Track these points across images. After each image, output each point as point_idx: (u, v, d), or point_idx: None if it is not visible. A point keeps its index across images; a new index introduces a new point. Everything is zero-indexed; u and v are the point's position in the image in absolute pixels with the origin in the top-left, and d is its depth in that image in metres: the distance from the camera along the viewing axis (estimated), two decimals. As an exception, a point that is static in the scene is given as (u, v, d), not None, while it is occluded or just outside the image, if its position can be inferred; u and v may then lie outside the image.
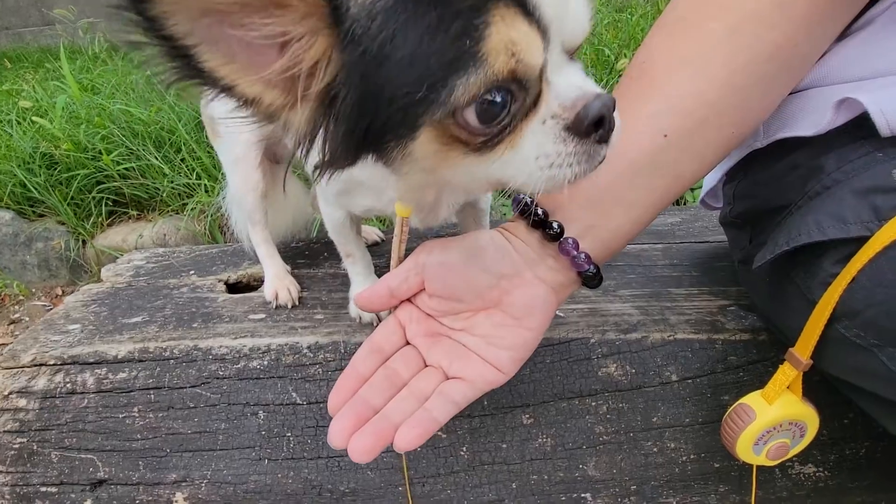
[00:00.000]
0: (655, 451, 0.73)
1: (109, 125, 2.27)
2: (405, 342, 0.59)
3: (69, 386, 0.74)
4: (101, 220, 2.21)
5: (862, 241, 0.49)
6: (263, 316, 0.83)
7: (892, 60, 0.57)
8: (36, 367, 0.75)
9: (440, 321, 0.59)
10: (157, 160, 2.17)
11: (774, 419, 0.57)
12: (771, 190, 0.66)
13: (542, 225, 0.56)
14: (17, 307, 2.20)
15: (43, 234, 2.21)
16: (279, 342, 0.75)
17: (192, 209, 2.10)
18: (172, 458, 0.73)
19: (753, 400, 0.58)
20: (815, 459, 0.74)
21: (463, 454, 0.73)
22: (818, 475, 0.74)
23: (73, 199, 2.20)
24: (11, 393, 0.74)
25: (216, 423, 0.73)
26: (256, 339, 0.76)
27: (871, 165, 0.54)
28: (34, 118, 2.36)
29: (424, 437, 0.50)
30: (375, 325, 0.76)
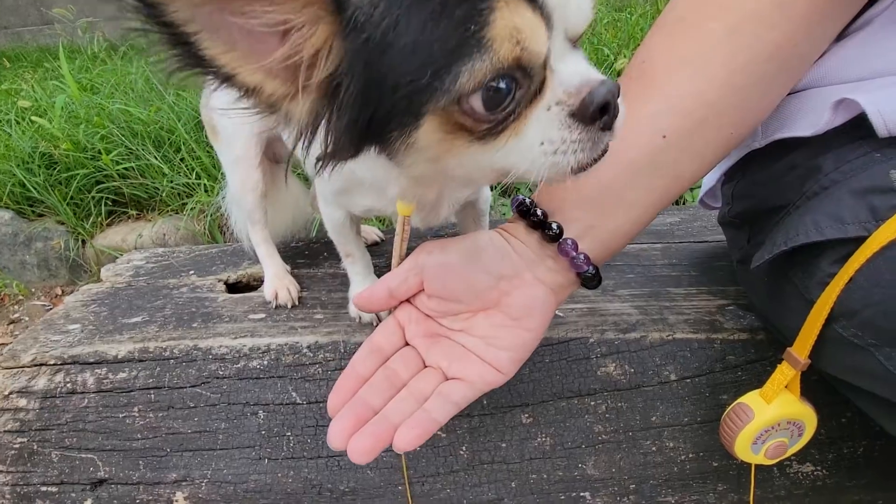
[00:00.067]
0: (654, 450, 0.73)
1: (109, 125, 2.27)
2: (404, 343, 0.60)
3: (69, 386, 0.74)
4: (100, 219, 2.21)
5: (860, 241, 0.49)
6: (263, 316, 0.83)
7: (890, 61, 0.57)
8: (36, 366, 0.76)
9: (439, 322, 0.59)
10: (156, 160, 2.17)
11: (773, 418, 0.57)
12: (769, 190, 0.66)
13: (541, 226, 0.56)
14: (16, 307, 2.20)
15: (42, 233, 2.21)
16: (279, 342, 0.75)
17: (191, 209, 2.10)
18: (173, 457, 0.73)
19: (752, 399, 0.58)
20: (813, 458, 0.74)
21: (462, 453, 0.73)
22: (816, 474, 0.74)
23: (72, 198, 2.19)
24: (12, 393, 0.74)
25: (216, 422, 0.73)
26: (256, 338, 0.76)
27: (868, 166, 0.54)
28: (33, 118, 2.36)
29: (424, 437, 0.50)
30: (375, 325, 0.76)
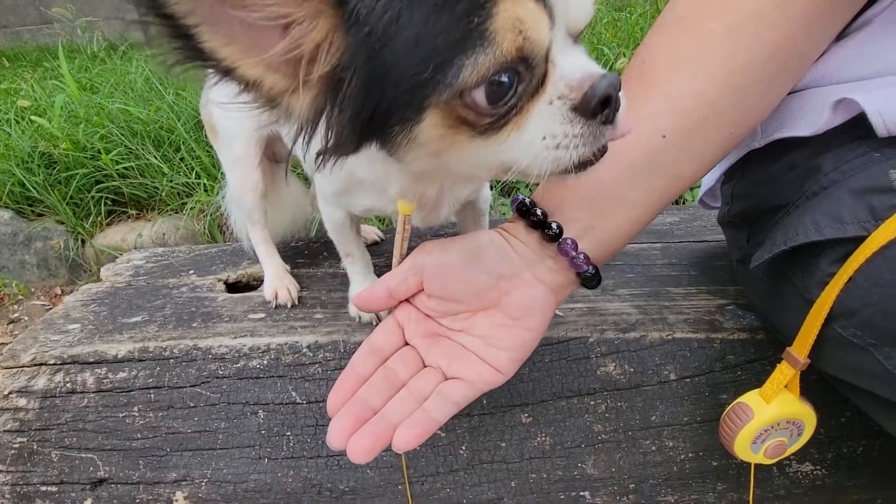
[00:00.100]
0: (654, 449, 0.73)
1: (108, 124, 2.27)
2: (404, 343, 0.59)
3: (69, 385, 0.74)
4: (100, 219, 2.20)
5: (859, 240, 0.49)
6: (263, 315, 0.83)
7: (889, 61, 0.57)
8: (36, 366, 0.76)
9: (439, 322, 0.59)
10: (156, 159, 2.17)
11: (772, 418, 0.57)
12: (769, 190, 0.66)
13: (541, 225, 0.56)
14: (16, 306, 2.20)
15: (42, 233, 2.21)
16: (279, 341, 0.75)
17: (191, 208, 2.10)
18: (172, 457, 0.73)
19: (751, 399, 0.58)
20: (812, 458, 0.74)
21: (462, 453, 0.74)
22: (815, 473, 0.75)
23: (71, 198, 2.19)
24: (11, 392, 0.74)
25: (216, 422, 0.73)
26: (256, 338, 0.76)
27: (868, 165, 0.54)
28: (33, 117, 2.35)
29: (423, 437, 0.50)
30: (375, 324, 0.76)
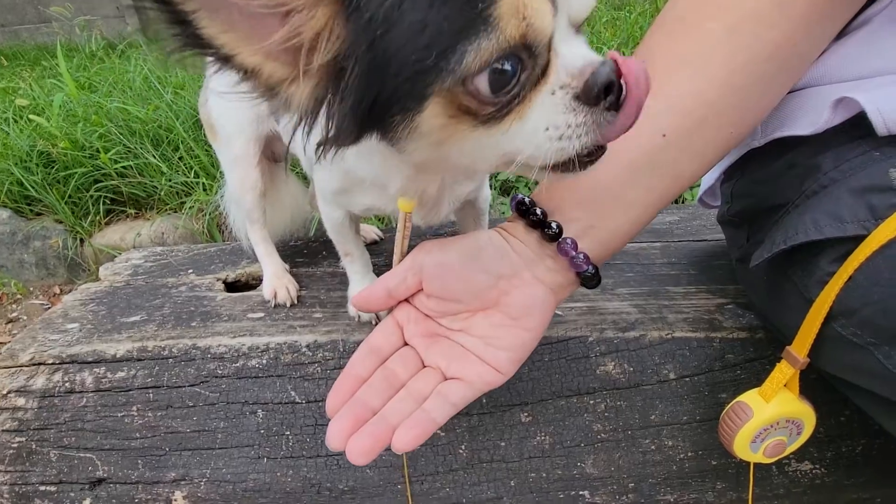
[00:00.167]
0: (653, 448, 0.73)
1: (107, 123, 2.27)
2: (403, 343, 0.59)
3: (68, 385, 0.74)
4: (98, 218, 2.20)
5: (859, 239, 0.49)
6: (262, 315, 0.83)
7: (889, 60, 0.57)
8: (34, 366, 0.75)
9: (438, 322, 0.59)
10: (154, 158, 2.17)
11: (771, 417, 0.57)
12: (768, 188, 0.66)
13: (540, 225, 0.56)
14: (14, 306, 2.20)
15: (40, 232, 2.21)
16: (278, 341, 0.75)
17: (190, 208, 2.10)
18: (171, 456, 0.73)
19: (751, 398, 0.58)
20: (811, 457, 0.74)
21: (462, 452, 0.74)
22: (815, 472, 0.75)
23: (70, 197, 2.19)
24: (10, 392, 0.74)
25: (215, 421, 0.73)
26: (255, 337, 0.76)
27: (867, 164, 0.54)
28: (31, 116, 2.35)
29: (423, 437, 0.50)
30: (374, 323, 0.76)
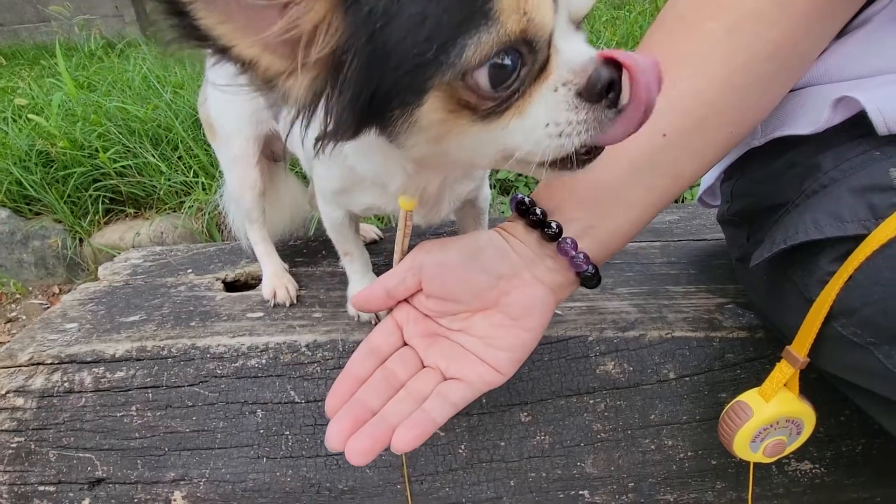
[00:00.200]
0: (653, 448, 0.73)
1: (106, 123, 2.27)
2: (403, 343, 0.59)
3: (67, 385, 0.74)
4: (97, 218, 2.20)
5: (859, 239, 0.49)
6: (261, 314, 0.82)
7: (889, 59, 0.57)
8: (33, 366, 0.75)
9: (438, 322, 0.59)
10: (154, 158, 2.17)
11: (771, 417, 0.57)
12: (768, 188, 0.66)
13: (540, 225, 0.56)
14: (13, 305, 2.20)
15: (39, 232, 2.21)
16: (277, 341, 0.75)
17: (189, 207, 2.10)
18: (171, 456, 0.73)
19: (750, 397, 0.58)
20: (811, 456, 0.74)
21: (461, 452, 0.73)
22: (814, 472, 0.75)
23: (69, 197, 2.19)
24: (9, 392, 0.74)
25: (214, 421, 0.73)
26: (254, 337, 0.76)
27: (868, 164, 0.54)
28: (30, 116, 2.35)
29: (422, 438, 0.50)
30: (374, 323, 0.76)
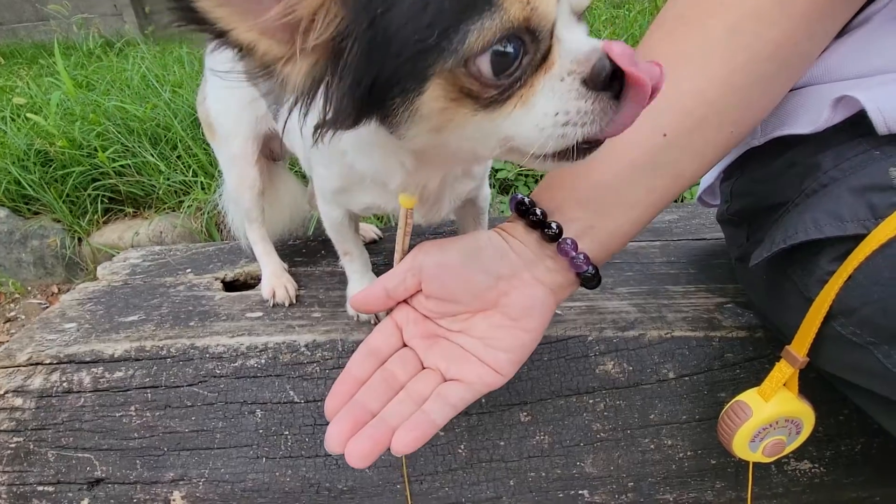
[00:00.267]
0: (652, 447, 0.73)
1: (105, 122, 2.26)
2: (402, 344, 0.59)
3: (65, 385, 0.74)
4: (96, 217, 2.20)
5: (858, 238, 0.49)
6: (261, 314, 0.82)
7: (889, 58, 0.57)
8: (32, 365, 0.75)
9: (437, 323, 0.58)
10: (152, 157, 2.16)
11: (770, 416, 0.57)
12: (768, 187, 0.66)
13: (540, 225, 0.56)
14: (12, 305, 2.19)
15: (38, 231, 2.21)
16: (276, 340, 0.75)
17: (188, 207, 2.10)
18: (170, 456, 0.73)
19: (750, 397, 0.58)
20: (810, 456, 0.74)
21: (461, 452, 0.73)
22: (814, 471, 0.75)
23: (68, 196, 2.19)
24: (7, 392, 0.74)
25: (213, 421, 0.73)
26: (254, 337, 0.76)
27: (868, 163, 0.54)
28: (28, 115, 2.35)
29: (422, 440, 0.50)
30: (373, 323, 0.76)
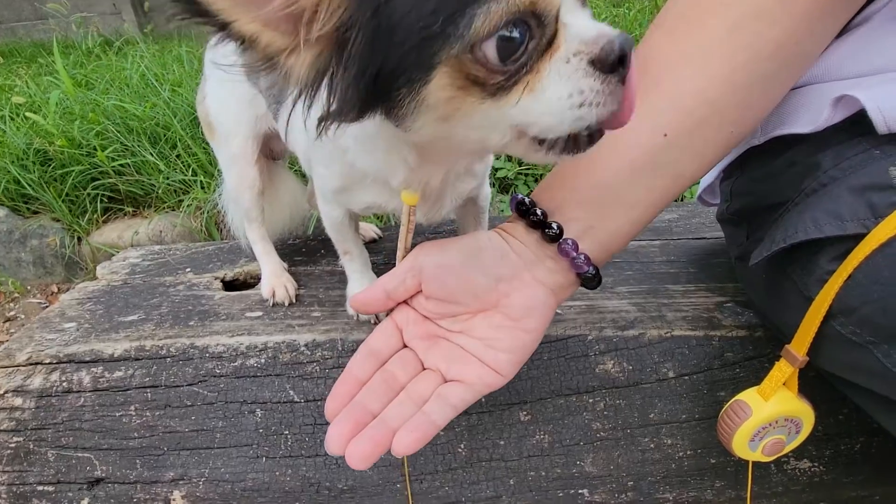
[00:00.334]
0: (652, 447, 0.74)
1: (104, 121, 2.26)
2: (402, 345, 0.59)
3: (65, 384, 0.74)
4: (96, 216, 2.20)
5: (858, 238, 0.48)
6: (260, 314, 0.82)
7: (889, 57, 0.57)
8: (32, 365, 0.75)
9: (438, 323, 0.58)
10: (152, 156, 2.16)
11: (770, 416, 0.57)
12: (768, 187, 0.66)
13: (540, 225, 0.56)
14: (12, 304, 2.19)
15: (38, 231, 2.20)
16: (276, 340, 0.75)
17: (188, 206, 2.10)
18: (170, 456, 0.73)
19: (749, 396, 0.58)
20: (810, 455, 0.74)
21: (461, 451, 0.73)
22: (813, 470, 0.75)
23: (67, 195, 2.19)
24: (7, 392, 0.74)
25: (213, 421, 0.73)
26: (253, 336, 0.76)
27: (867, 163, 0.54)
28: (27, 114, 2.34)
29: (423, 441, 0.50)
30: (373, 322, 0.76)
